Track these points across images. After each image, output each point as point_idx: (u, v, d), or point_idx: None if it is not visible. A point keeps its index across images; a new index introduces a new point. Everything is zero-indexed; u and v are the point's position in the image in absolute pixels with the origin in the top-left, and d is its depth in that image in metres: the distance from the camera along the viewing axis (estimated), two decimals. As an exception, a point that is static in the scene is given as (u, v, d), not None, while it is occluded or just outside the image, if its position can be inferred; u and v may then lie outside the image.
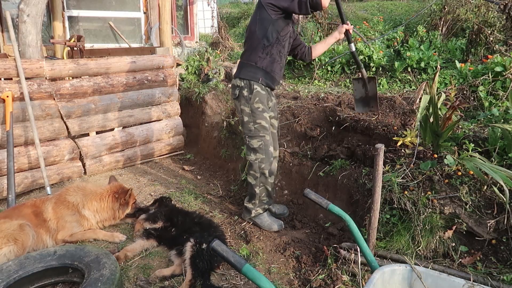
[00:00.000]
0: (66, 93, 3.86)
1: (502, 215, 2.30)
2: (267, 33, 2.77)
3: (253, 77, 2.84)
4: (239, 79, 2.88)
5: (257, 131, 2.90)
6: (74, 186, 3.00)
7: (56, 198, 2.86)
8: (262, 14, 2.76)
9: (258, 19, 2.79)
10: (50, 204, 2.79)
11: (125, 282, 2.41)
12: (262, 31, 2.78)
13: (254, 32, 2.82)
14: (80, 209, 2.84)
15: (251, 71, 2.85)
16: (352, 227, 1.89)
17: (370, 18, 10.00)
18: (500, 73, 3.63)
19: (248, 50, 2.89)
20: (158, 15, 7.38)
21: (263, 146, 2.92)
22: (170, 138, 4.76)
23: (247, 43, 2.92)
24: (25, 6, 3.85)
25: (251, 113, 2.87)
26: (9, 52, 5.53)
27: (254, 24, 2.83)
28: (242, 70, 2.90)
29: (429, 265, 2.28)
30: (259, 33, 2.79)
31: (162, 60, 4.68)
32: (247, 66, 2.87)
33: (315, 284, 2.36)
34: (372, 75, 3.08)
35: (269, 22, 2.75)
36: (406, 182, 2.60)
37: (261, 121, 2.90)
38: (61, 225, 2.75)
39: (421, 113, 2.66)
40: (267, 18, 2.75)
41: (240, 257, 1.40)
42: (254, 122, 2.89)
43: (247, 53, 2.90)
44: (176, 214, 2.95)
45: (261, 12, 2.76)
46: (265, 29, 2.76)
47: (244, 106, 2.88)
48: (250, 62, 2.86)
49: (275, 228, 3.09)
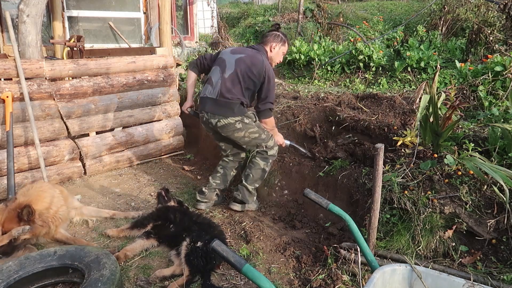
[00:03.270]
0: (66, 93, 3.86)
1: (502, 214, 2.30)
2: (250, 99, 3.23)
3: (243, 111, 3.16)
4: (233, 116, 3.09)
5: (268, 134, 3.27)
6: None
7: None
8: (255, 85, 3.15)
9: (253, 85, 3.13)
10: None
11: (125, 282, 2.41)
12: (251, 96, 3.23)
13: (250, 90, 3.15)
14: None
15: (239, 108, 3.11)
16: (352, 227, 1.89)
17: (370, 18, 10.00)
18: (500, 72, 3.63)
19: (233, 91, 3.09)
20: (158, 15, 7.38)
21: (273, 139, 3.32)
22: (170, 138, 4.76)
23: (233, 87, 3.08)
24: (25, 6, 3.85)
25: (258, 128, 3.20)
26: (9, 52, 5.53)
27: (251, 84, 3.13)
28: (233, 109, 3.09)
29: (429, 264, 2.28)
30: (249, 95, 3.18)
31: (162, 60, 4.68)
32: (235, 105, 3.10)
33: (315, 284, 2.36)
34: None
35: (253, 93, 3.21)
36: (406, 181, 2.60)
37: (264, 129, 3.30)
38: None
39: (421, 113, 2.66)
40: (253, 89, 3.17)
41: (240, 257, 1.40)
42: (264, 131, 3.24)
43: (232, 94, 3.09)
44: (174, 214, 2.94)
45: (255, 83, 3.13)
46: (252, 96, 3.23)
47: (252, 128, 3.16)
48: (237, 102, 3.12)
49: (255, 207, 3.43)
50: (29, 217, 2.55)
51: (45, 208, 2.69)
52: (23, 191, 2.78)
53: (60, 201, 2.84)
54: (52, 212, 2.72)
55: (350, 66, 5.96)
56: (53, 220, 2.72)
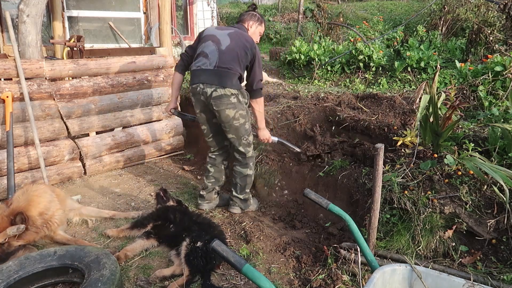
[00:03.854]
0: (66, 93, 3.86)
1: (502, 214, 2.30)
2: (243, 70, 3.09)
3: (240, 85, 3.08)
4: (231, 88, 2.98)
5: (250, 128, 3.21)
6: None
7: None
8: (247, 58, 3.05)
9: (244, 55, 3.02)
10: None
11: (125, 282, 2.41)
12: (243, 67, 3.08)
13: (244, 64, 3.05)
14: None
15: (237, 81, 3.03)
16: (352, 227, 1.89)
17: (370, 18, 10.00)
18: (500, 72, 3.63)
19: (232, 63, 3.00)
20: (158, 15, 7.38)
21: (253, 139, 3.27)
22: (170, 138, 4.76)
23: (232, 59, 2.98)
24: (25, 6, 3.85)
25: (246, 114, 3.11)
26: (9, 52, 5.53)
27: (243, 55, 3.02)
28: (232, 79, 2.98)
29: (429, 264, 2.28)
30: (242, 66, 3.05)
31: (162, 60, 4.68)
32: (234, 76, 2.99)
33: (315, 284, 2.36)
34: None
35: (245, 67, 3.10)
36: (406, 181, 2.60)
37: (249, 119, 3.22)
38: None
39: (421, 113, 2.66)
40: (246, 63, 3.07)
41: (240, 257, 1.40)
42: (249, 121, 3.16)
43: (231, 65, 2.99)
44: (174, 214, 2.94)
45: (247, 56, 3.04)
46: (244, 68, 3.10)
47: (242, 111, 3.05)
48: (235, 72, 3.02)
49: (255, 207, 3.42)
50: (22, 224, 2.51)
51: (39, 214, 2.63)
52: (18, 195, 2.72)
53: (55, 205, 2.78)
54: (47, 218, 2.67)
55: (350, 66, 5.96)
56: (48, 226, 2.67)
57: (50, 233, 2.70)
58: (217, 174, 3.39)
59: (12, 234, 2.46)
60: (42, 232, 2.64)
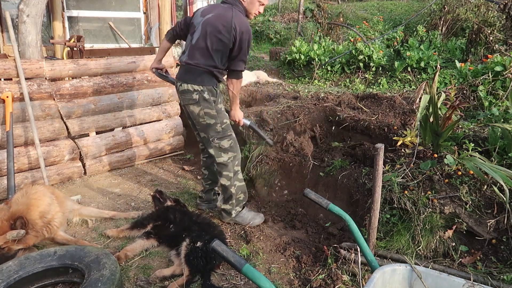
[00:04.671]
0: (66, 93, 3.86)
1: (502, 214, 2.30)
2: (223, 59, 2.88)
3: (212, 81, 2.90)
4: (194, 84, 2.86)
5: (225, 130, 2.96)
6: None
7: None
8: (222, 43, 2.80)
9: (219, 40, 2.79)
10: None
11: (125, 282, 2.41)
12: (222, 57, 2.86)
13: (219, 51, 2.83)
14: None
15: (206, 78, 2.87)
16: (352, 227, 1.89)
17: (370, 18, 10.01)
18: (500, 72, 3.63)
19: (200, 58, 2.85)
20: (158, 15, 7.39)
21: (233, 144, 3.00)
22: (170, 138, 4.76)
23: (201, 54, 2.84)
24: (25, 6, 3.85)
25: (217, 114, 2.91)
26: (9, 52, 5.53)
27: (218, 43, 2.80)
28: (198, 76, 2.86)
29: (429, 264, 2.28)
30: (220, 55, 2.84)
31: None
32: (203, 72, 2.86)
33: (315, 284, 2.36)
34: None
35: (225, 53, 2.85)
36: (406, 181, 2.60)
37: (226, 120, 3.00)
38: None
39: (421, 113, 2.66)
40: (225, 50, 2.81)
41: (240, 257, 1.40)
42: (221, 122, 2.94)
43: (199, 61, 2.85)
44: (174, 214, 2.94)
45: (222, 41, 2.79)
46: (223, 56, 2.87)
47: (209, 109, 2.88)
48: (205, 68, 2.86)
49: (257, 222, 3.15)
50: (22, 228, 2.50)
51: (39, 217, 2.63)
52: (17, 197, 2.71)
53: (55, 208, 2.78)
54: (46, 221, 2.67)
55: (350, 66, 5.96)
56: (48, 229, 2.67)
57: (49, 236, 2.71)
58: (212, 176, 3.33)
59: (12, 239, 2.46)
60: (42, 236, 2.64)
